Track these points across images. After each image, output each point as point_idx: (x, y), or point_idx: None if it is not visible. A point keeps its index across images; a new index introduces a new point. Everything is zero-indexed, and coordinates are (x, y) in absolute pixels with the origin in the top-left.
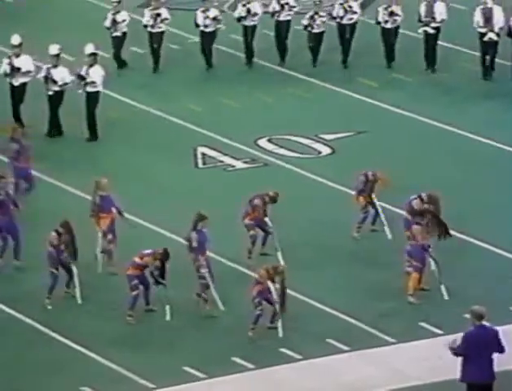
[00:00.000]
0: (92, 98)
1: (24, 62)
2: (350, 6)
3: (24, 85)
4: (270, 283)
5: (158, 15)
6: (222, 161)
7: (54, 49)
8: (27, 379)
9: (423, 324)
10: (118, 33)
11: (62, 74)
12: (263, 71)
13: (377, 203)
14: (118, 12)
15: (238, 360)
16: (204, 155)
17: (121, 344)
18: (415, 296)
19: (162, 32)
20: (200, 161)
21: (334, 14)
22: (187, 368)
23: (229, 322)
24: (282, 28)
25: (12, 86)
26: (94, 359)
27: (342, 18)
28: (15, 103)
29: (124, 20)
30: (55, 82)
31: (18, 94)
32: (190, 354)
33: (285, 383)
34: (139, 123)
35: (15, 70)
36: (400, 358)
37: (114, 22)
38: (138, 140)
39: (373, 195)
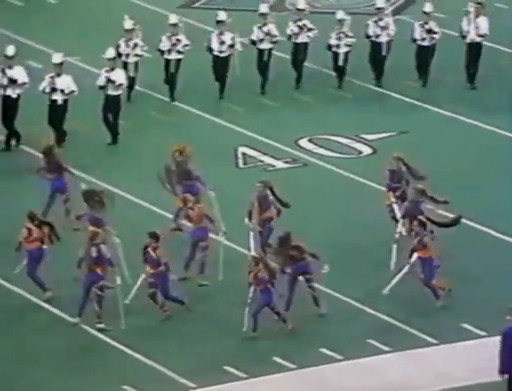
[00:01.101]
0: (117, 101)
1: (19, 73)
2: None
3: (19, 97)
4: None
5: (178, 40)
6: (262, 161)
7: (57, 57)
8: (70, 378)
9: (465, 325)
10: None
11: (67, 82)
12: (304, 71)
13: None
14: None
15: (279, 360)
16: (244, 155)
17: (161, 344)
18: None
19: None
20: (240, 161)
21: (370, 32)
22: (227, 367)
23: (270, 323)
24: (300, 50)
25: (8, 98)
26: (135, 358)
27: (377, 36)
28: (12, 115)
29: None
30: (62, 91)
31: (14, 106)
32: (231, 354)
33: (326, 383)
34: (181, 123)
35: (13, 82)
36: (442, 359)
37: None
38: (179, 140)
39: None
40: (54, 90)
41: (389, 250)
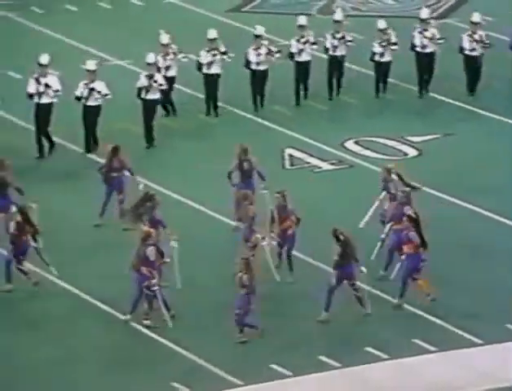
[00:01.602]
0: (154, 106)
1: (53, 81)
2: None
3: (52, 104)
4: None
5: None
6: (308, 162)
7: (92, 64)
8: (119, 375)
9: (510, 326)
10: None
11: (101, 88)
12: (350, 75)
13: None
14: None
15: (324, 358)
16: (291, 156)
17: (209, 341)
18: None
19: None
20: (287, 162)
21: (417, 42)
22: (274, 366)
23: (315, 321)
24: (335, 64)
25: (42, 105)
26: (184, 355)
27: (423, 47)
28: (45, 122)
29: (100, 92)
30: (99, 93)
31: (48, 113)
32: (277, 352)
33: (370, 382)
34: (228, 124)
35: (47, 88)
36: (486, 360)
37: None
38: (228, 142)
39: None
40: (89, 95)
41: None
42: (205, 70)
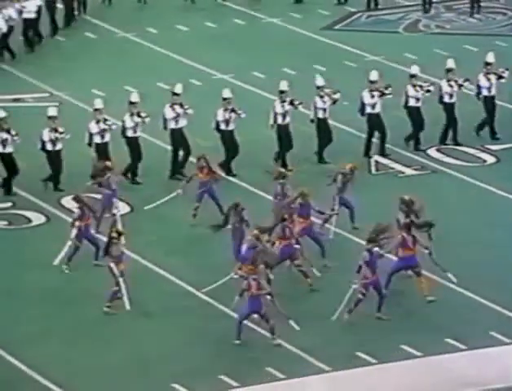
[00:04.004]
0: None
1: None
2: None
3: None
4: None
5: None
6: (393, 168)
7: (179, 87)
8: (217, 361)
9: None
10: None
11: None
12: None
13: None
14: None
15: (406, 347)
16: (377, 162)
17: (302, 329)
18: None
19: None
20: (373, 168)
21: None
22: (359, 353)
23: (402, 311)
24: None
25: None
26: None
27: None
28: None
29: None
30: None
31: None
32: (362, 340)
33: (450, 371)
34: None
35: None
36: None
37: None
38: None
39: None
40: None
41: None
42: (223, 127)
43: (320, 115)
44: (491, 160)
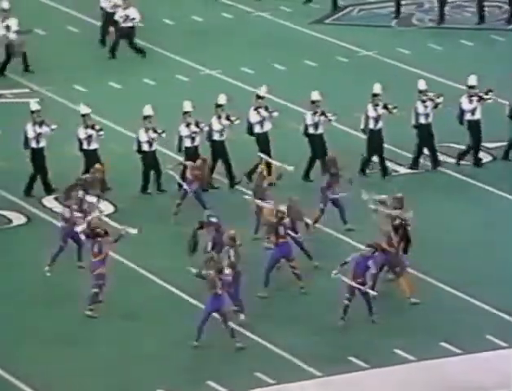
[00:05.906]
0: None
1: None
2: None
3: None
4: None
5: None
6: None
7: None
8: (204, 363)
9: None
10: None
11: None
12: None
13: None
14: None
15: (399, 352)
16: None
17: (292, 332)
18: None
19: None
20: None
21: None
22: (352, 358)
23: (395, 314)
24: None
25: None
26: (266, 346)
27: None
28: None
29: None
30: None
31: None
32: (354, 344)
33: (446, 375)
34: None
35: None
36: None
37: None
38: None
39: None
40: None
41: None
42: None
43: (423, 120)
44: (487, 158)
